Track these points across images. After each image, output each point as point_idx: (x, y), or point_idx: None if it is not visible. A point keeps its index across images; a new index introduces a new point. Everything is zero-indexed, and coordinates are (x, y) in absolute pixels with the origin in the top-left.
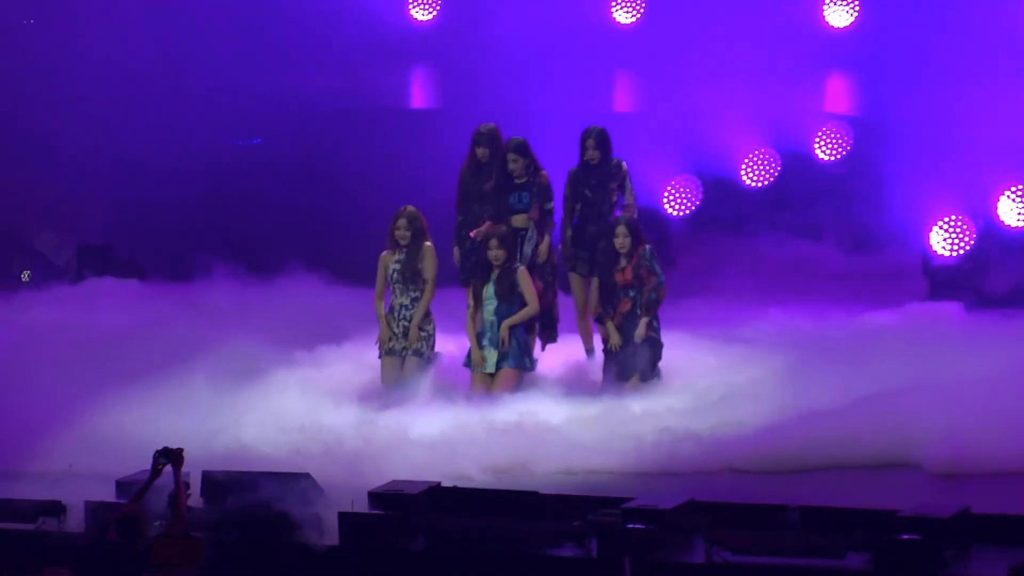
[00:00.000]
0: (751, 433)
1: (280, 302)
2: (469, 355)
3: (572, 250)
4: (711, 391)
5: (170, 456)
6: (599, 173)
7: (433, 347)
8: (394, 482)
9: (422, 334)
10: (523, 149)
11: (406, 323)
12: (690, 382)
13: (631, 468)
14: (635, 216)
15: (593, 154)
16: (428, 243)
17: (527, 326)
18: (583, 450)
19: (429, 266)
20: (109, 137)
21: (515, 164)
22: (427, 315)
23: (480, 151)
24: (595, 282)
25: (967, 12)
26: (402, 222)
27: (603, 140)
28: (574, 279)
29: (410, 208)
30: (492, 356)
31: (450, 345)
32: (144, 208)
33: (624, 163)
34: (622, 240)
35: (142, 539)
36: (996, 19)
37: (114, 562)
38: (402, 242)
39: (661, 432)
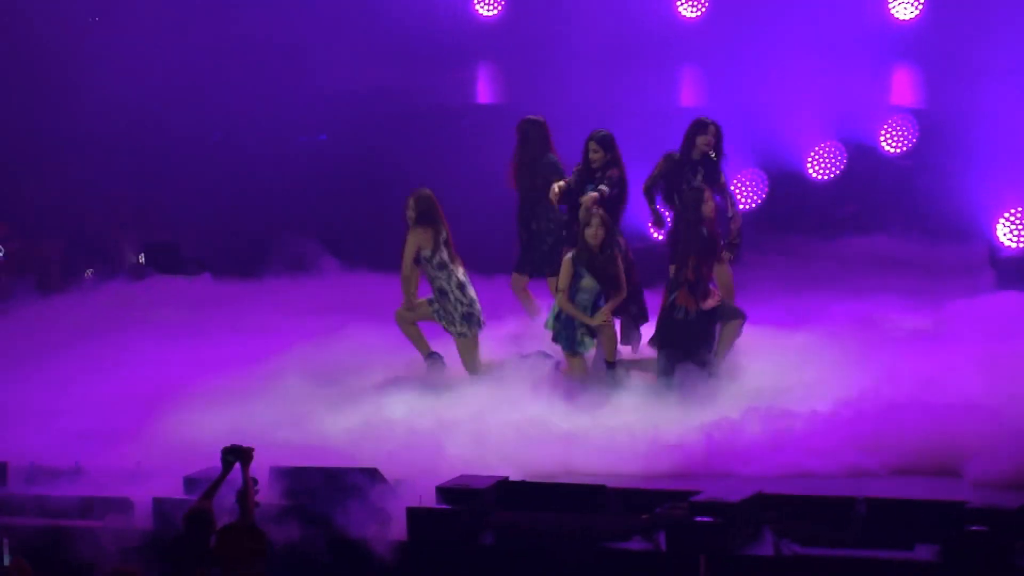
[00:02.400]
0: (816, 424)
1: (346, 297)
2: (569, 336)
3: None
4: (773, 385)
5: (239, 453)
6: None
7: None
8: (462, 476)
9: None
10: (606, 142)
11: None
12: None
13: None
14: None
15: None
16: (414, 227)
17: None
18: None
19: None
20: (175, 136)
21: (595, 155)
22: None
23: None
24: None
25: None
26: (409, 202)
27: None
28: None
29: (417, 191)
30: (590, 339)
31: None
32: (210, 205)
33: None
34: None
35: (211, 535)
36: None
37: (183, 557)
38: (409, 223)
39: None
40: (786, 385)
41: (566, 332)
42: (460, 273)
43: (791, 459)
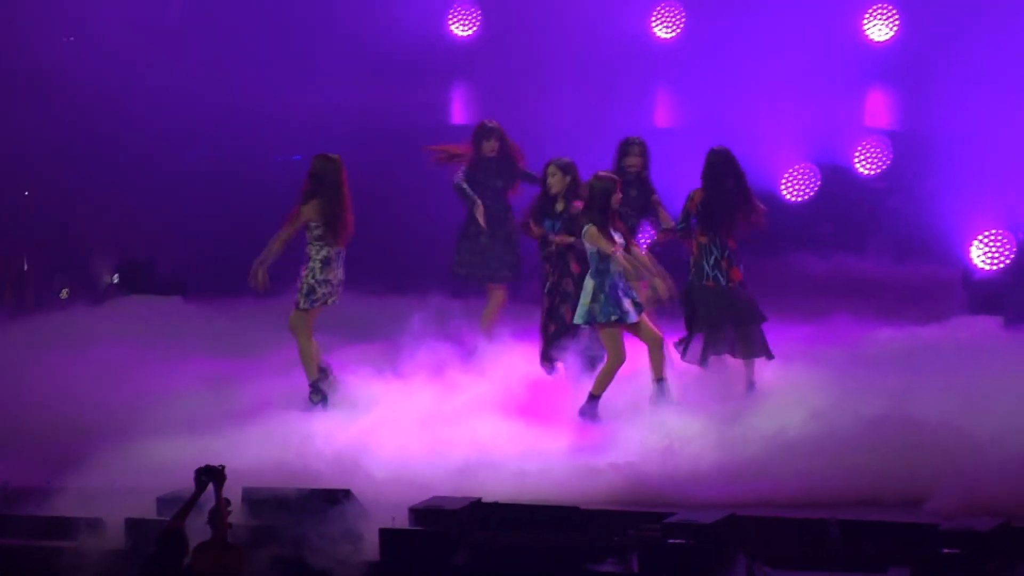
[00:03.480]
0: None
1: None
2: (616, 304)
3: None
4: (744, 405)
5: (212, 473)
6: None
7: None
8: (435, 498)
9: None
10: (566, 167)
11: None
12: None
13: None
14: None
15: (636, 160)
16: (312, 198)
17: None
18: None
19: None
20: (150, 154)
21: (553, 178)
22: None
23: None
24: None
25: (1006, 25)
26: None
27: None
28: None
29: (325, 155)
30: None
31: None
32: (185, 225)
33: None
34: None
35: (184, 555)
36: None
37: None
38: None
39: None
40: (750, 408)
41: (610, 304)
42: (333, 252)
43: (751, 486)
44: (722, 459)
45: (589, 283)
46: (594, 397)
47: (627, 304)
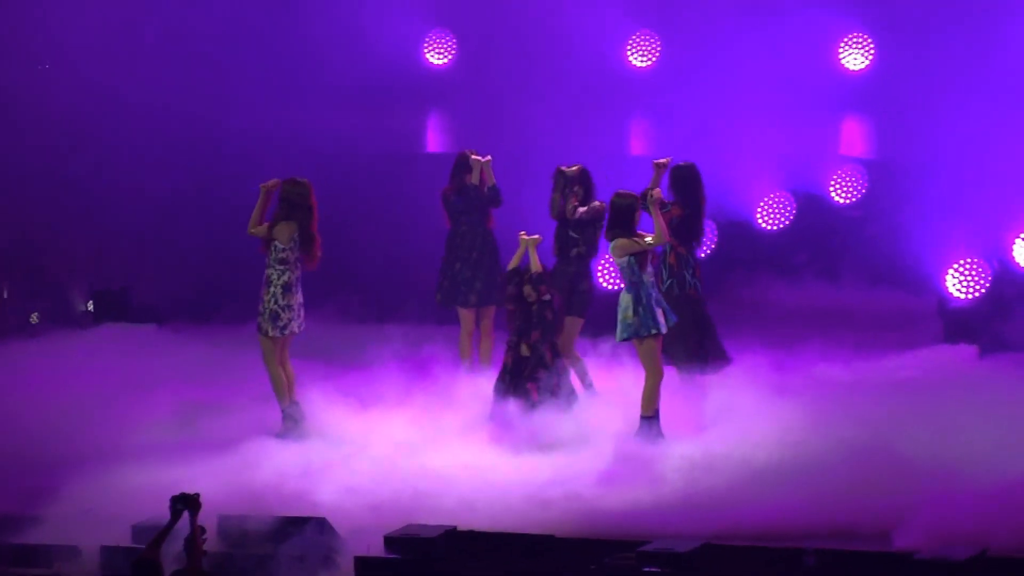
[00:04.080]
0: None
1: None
2: (652, 317)
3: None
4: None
5: (187, 501)
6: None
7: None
8: (410, 526)
9: None
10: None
11: None
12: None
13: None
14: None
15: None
16: (283, 218)
17: None
18: None
19: None
20: (125, 181)
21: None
22: None
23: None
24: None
25: (981, 55)
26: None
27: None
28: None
29: (293, 179)
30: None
31: None
32: (160, 252)
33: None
34: (528, 291)
35: None
36: (1010, 62)
37: None
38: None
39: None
40: (721, 435)
41: (648, 317)
42: (294, 277)
43: (720, 515)
44: (690, 488)
45: (626, 297)
46: (647, 418)
47: (659, 315)
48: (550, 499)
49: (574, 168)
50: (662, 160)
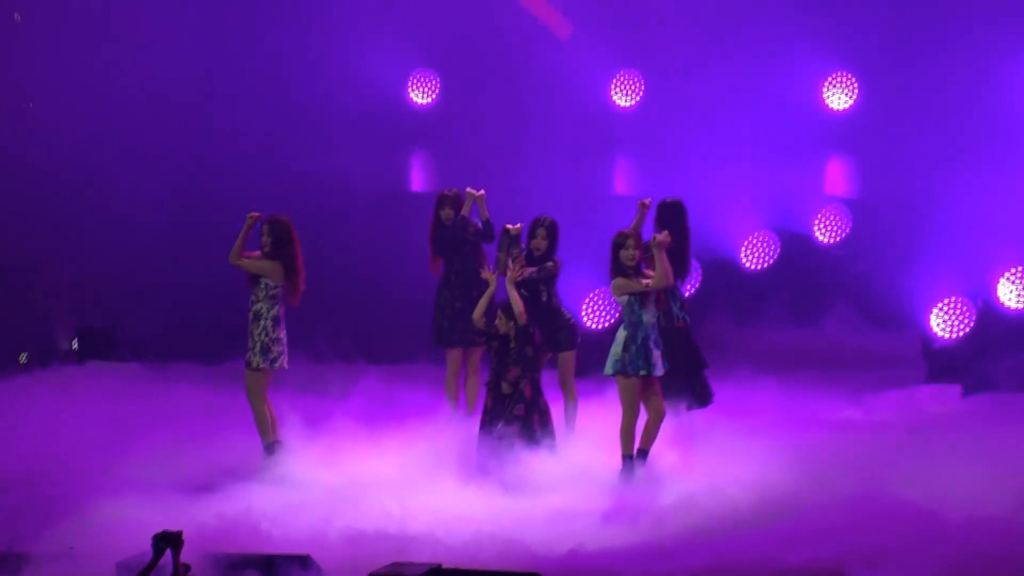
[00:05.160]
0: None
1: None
2: (647, 358)
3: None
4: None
5: (169, 540)
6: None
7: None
8: (395, 564)
9: None
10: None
11: None
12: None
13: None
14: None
15: (541, 244)
16: (269, 258)
17: None
18: None
19: None
20: (111, 219)
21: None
22: None
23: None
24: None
25: (965, 95)
26: (264, 228)
27: (553, 233)
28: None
29: (274, 216)
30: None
31: None
32: (147, 290)
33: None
34: (504, 326)
35: None
36: (993, 102)
37: None
38: (264, 248)
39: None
40: (700, 475)
41: (641, 356)
42: (282, 311)
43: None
44: (671, 528)
45: (622, 333)
46: (626, 457)
47: (655, 357)
48: (533, 538)
49: (517, 227)
50: (646, 200)
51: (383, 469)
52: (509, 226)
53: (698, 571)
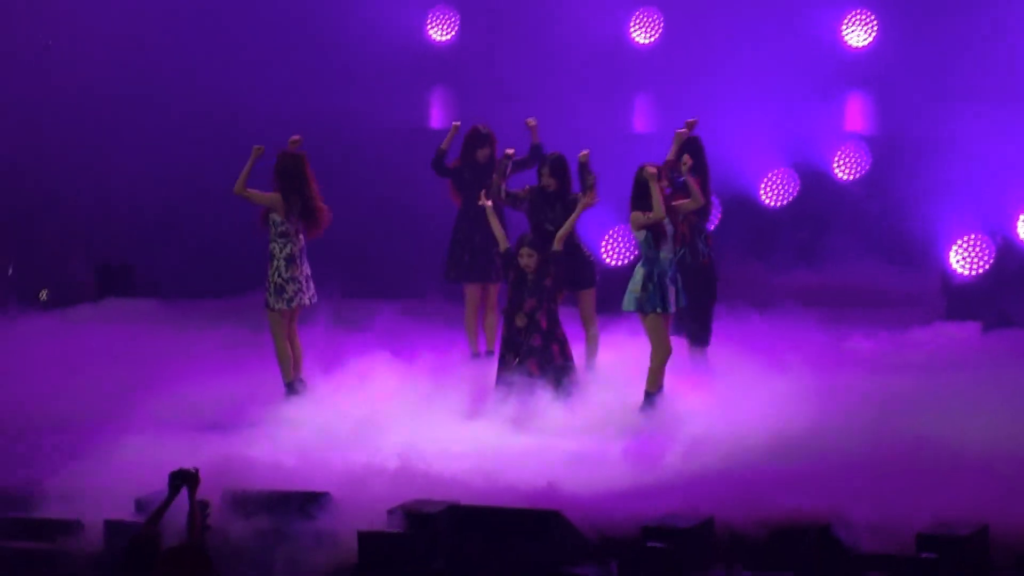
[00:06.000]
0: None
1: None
2: (664, 295)
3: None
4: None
5: (186, 478)
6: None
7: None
8: (413, 501)
9: None
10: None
11: None
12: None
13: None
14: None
15: (549, 181)
16: (276, 190)
17: None
18: None
19: None
20: (128, 156)
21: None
22: None
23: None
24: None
25: (985, 31)
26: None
27: (559, 167)
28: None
29: (284, 151)
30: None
31: None
32: (164, 227)
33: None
34: (526, 260)
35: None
36: (1014, 38)
37: None
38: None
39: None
40: (722, 412)
41: (657, 294)
42: (296, 249)
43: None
44: (692, 464)
45: (640, 271)
46: (650, 394)
47: (671, 294)
48: (552, 476)
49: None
50: (682, 130)
51: (402, 407)
52: (510, 151)
53: (718, 508)
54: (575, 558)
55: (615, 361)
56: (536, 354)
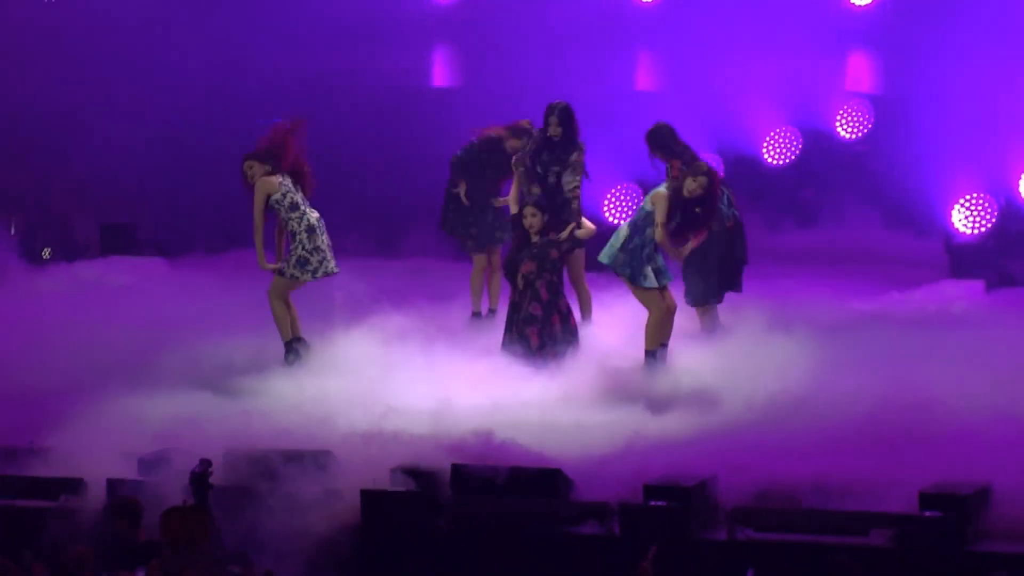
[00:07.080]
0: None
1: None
2: (636, 268)
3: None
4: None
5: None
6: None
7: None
8: (416, 459)
9: None
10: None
11: None
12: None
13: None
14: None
15: (556, 130)
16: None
17: None
18: None
19: None
20: (130, 116)
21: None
22: None
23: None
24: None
25: None
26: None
27: (566, 116)
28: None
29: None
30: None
31: None
32: (167, 186)
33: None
34: (530, 220)
35: (138, 527)
36: None
37: (111, 550)
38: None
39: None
40: (725, 372)
41: (633, 263)
42: (314, 218)
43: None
44: (694, 424)
45: (624, 230)
46: (650, 352)
47: (648, 271)
48: (554, 436)
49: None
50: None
51: (404, 367)
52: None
53: (721, 467)
54: (578, 516)
55: (613, 321)
56: (536, 323)
